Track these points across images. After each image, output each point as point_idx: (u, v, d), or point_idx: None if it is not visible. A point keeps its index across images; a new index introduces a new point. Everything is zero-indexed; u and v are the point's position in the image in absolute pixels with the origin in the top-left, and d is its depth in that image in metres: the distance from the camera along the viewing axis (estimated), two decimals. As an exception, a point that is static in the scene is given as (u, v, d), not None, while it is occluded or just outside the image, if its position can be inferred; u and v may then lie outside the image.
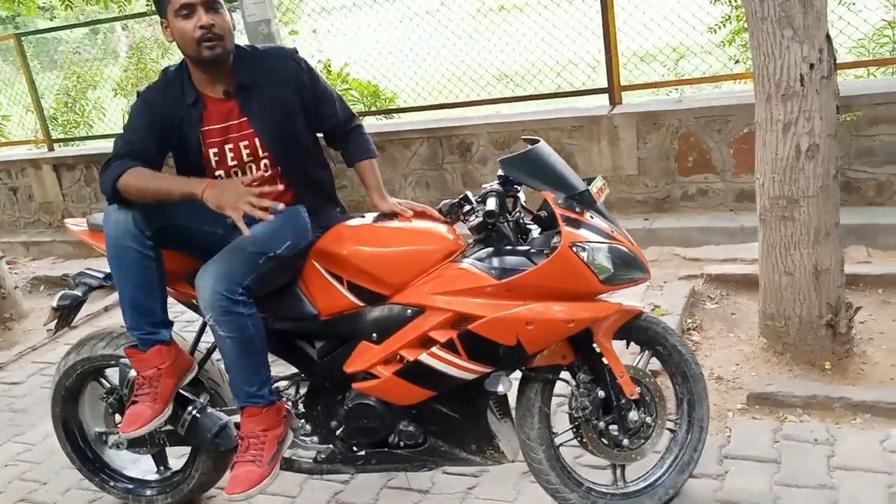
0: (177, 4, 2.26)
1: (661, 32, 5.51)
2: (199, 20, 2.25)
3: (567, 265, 2.14)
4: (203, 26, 2.25)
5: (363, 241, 2.41)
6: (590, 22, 5.66)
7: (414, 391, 2.33)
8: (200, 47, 2.28)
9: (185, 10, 2.25)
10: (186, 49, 2.32)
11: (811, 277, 2.99)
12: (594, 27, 5.47)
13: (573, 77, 6.35)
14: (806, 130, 2.84)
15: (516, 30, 6.28)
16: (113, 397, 2.71)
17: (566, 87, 5.89)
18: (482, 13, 12.05)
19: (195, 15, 2.26)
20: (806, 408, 2.79)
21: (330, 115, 2.54)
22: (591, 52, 6.11)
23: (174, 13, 2.28)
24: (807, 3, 2.73)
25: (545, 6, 5.94)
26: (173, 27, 2.31)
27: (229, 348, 2.27)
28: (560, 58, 6.18)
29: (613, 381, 2.36)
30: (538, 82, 6.18)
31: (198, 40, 2.27)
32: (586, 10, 5.67)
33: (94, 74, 8.32)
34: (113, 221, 2.32)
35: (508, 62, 6.46)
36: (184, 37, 2.29)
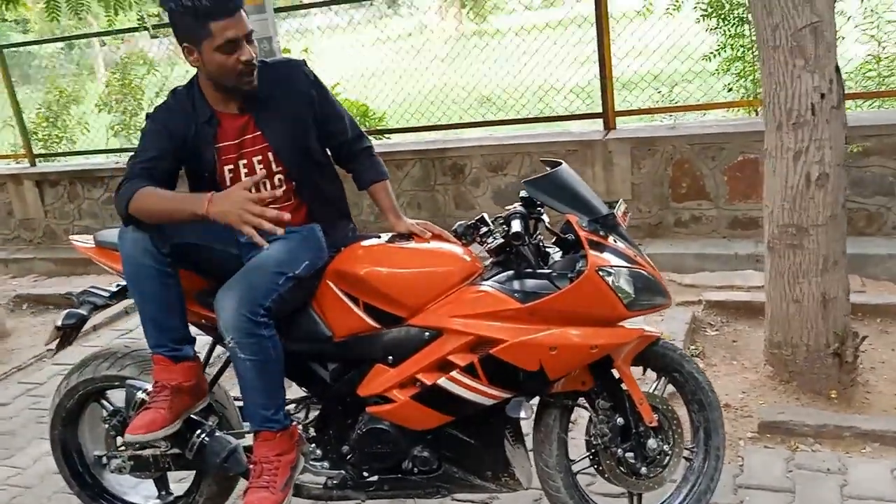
0: (221, 39, 2.18)
1: (644, 60, 5.60)
2: (244, 55, 2.21)
3: (592, 290, 2.13)
4: (247, 61, 2.22)
5: (381, 261, 2.38)
6: (572, 49, 5.75)
7: (431, 416, 2.29)
8: (241, 80, 2.25)
9: (231, 44, 2.19)
10: (225, 81, 2.27)
11: (819, 306, 3.00)
12: (577, 53, 5.55)
13: (555, 102, 6.44)
14: (816, 159, 2.87)
15: (499, 54, 6.34)
16: (116, 419, 2.62)
17: (550, 112, 5.95)
18: (465, 37, 12.14)
19: (239, 49, 2.21)
20: (817, 437, 2.79)
21: (339, 132, 2.51)
22: (574, 79, 6.21)
23: (216, 48, 2.19)
24: (818, 33, 2.77)
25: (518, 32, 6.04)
26: (210, 59, 2.22)
27: (249, 371, 2.21)
28: (542, 82, 6.25)
29: (633, 407, 2.34)
30: (520, 106, 6.23)
31: (239, 73, 2.23)
32: (569, 38, 5.76)
33: (78, 89, 8.18)
34: (130, 240, 2.27)
35: (490, 86, 6.51)
36: (224, 70, 2.23)
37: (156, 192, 2.20)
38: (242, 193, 2.06)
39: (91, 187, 6.67)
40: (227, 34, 2.17)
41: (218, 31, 2.17)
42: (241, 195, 2.05)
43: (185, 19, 2.20)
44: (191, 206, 2.11)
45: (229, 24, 2.17)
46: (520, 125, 5.78)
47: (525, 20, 7.92)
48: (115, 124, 7.98)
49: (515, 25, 7.74)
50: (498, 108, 7.23)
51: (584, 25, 5.99)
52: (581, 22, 6.14)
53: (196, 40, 2.21)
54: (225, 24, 2.17)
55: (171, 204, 2.17)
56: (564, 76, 6.37)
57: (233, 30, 2.18)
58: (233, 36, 2.18)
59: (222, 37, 2.17)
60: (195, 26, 2.19)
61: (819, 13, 2.75)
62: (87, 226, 6.74)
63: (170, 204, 2.17)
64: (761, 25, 2.85)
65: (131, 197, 2.20)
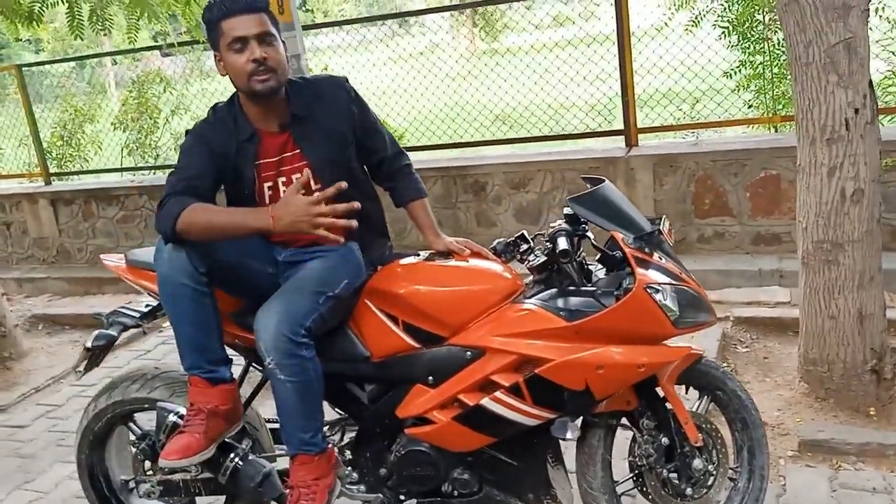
0: (230, 38, 2.21)
1: (665, 77, 5.61)
2: (252, 53, 2.20)
3: (640, 307, 2.09)
4: (255, 60, 2.20)
5: (421, 280, 2.35)
6: (581, 67, 5.76)
7: (473, 437, 2.25)
8: (252, 81, 2.22)
9: (238, 43, 2.21)
10: (238, 82, 2.27)
11: (855, 322, 2.97)
12: (588, 71, 5.55)
13: (565, 120, 6.45)
14: (851, 175, 2.84)
15: (513, 73, 6.35)
16: (145, 443, 2.58)
17: (571, 130, 5.94)
18: (477, 56, 12.15)
19: (248, 48, 2.21)
20: (860, 455, 2.75)
21: (378, 149, 2.49)
22: (583, 97, 6.22)
23: (226, 47, 2.23)
24: (852, 49, 2.75)
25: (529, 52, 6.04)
26: (226, 61, 2.26)
27: (288, 393, 2.17)
28: (553, 101, 6.26)
29: (678, 427, 2.29)
30: (531, 125, 6.22)
31: (250, 74, 2.22)
32: (578, 56, 5.77)
33: (92, 108, 8.21)
34: (167, 259, 2.23)
35: (502, 104, 6.53)
36: (236, 70, 2.24)
37: (208, 207, 2.19)
38: (302, 199, 2.05)
39: (106, 206, 6.65)
40: (236, 32, 2.19)
41: (228, 29, 2.20)
42: (302, 200, 2.04)
43: (209, 28, 2.25)
44: (254, 222, 2.10)
45: (239, 22, 2.19)
46: (539, 142, 5.77)
47: (535, 39, 7.96)
48: (130, 143, 8.01)
49: (526, 45, 7.78)
50: (509, 127, 7.25)
51: (593, 45, 6.02)
52: (590, 42, 6.17)
53: (217, 44, 2.25)
54: (235, 22, 2.19)
55: (229, 219, 2.15)
56: (576, 94, 6.40)
57: (242, 28, 2.19)
58: (241, 34, 2.19)
59: (231, 34, 2.19)
60: (214, 30, 2.24)
61: (852, 29, 2.74)
62: (101, 245, 6.73)
63: (228, 220, 2.15)
64: (794, 42, 2.84)
65: (179, 213, 2.17)
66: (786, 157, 4.65)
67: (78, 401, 4.14)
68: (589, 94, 6.12)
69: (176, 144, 8.28)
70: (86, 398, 4.12)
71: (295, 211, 2.04)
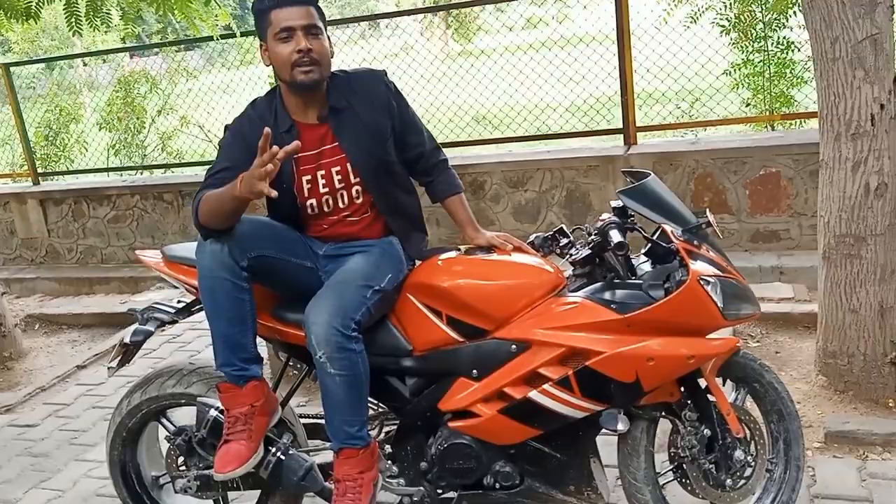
0: (277, 27, 2.21)
1: (665, 76, 5.68)
2: (298, 44, 2.21)
3: (693, 299, 2.11)
4: (300, 50, 2.20)
5: (466, 273, 2.35)
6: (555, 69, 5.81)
7: (519, 430, 2.26)
8: (295, 71, 2.22)
9: (285, 32, 2.21)
10: (281, 73, 2.27)
11: (876, 315, 3.02)
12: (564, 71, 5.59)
13: (551, 120, 6.50)
14: (875, 169, 2.89)
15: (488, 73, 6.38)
16: (181, 438, 2.55)
17: (556, 129, 5.98)
18: (451, 57, 12.20)
19: (294, 38, 2.21)
20: (885, 445, 2.80)
21: (416, 144, 2.49)
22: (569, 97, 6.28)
23: (273, 36, 2.23)
24: (878, 45, 2.80)
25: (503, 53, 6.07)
26: (271, 51, 2.26)
27: (337, 386, 2.16)
28: (529, 102, 6.30)
29: (720, 418, 2.32)
30: (516, 125, 6.28)
31: (293, 64, 2.22)
32: (552, 58, 5.83)
33: (77, 108, 8.09)
34: (208, 252, 2.21)
35: (477, 105, 6.57)
36: (280, 60, 2.24)
37: (211, 192, 2.17)
38: (255, 162, 2.00)
39: (97, 206, 6.56)
40: (284, 22, 2.20)
41: (276, 20, 2.21)
42: (256, 163, 1.99)
43: (257, 17, 2.26)
44: (229, 191, 2.08)
45: (289, 13, 2.21)
46: (531, 141, 5.81)
47: (509, 41, 8.03)
48: (116, 143, 7.90)
49: (500, 46, 7.83)
50: (494, 127, 7.27)
51: (567, 46, 6.09)
52: (564, 44, 6.24)
53: (263, 34, 2.26)
54: (284, 12, 2.21)
55: (218, 196, 2.13)
56: (556, 95, 6.47)
57: (290, 19, 2.20)
58: (289, 24, 2.20)
59: (279, 24, 2.20)
60: (263, 19, 2.24)
61: (879, 25, 2.79)
62: (91, 245, 6.65)
63: (218, 196, 2.13)
64: (820, 38, 2.88)
65: (198, 206, 2.18)
66: (785, 155, 4.73)
67: (86, 400, 4.08)
68: (576, 94, 6.16)
69: (162, 144, 8.20)
70: (93, 397, 4.10)
71: (250, 171, 2.01)
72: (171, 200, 6.36)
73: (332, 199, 2.36)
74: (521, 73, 6.35)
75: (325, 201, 2.36)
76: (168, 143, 7.98)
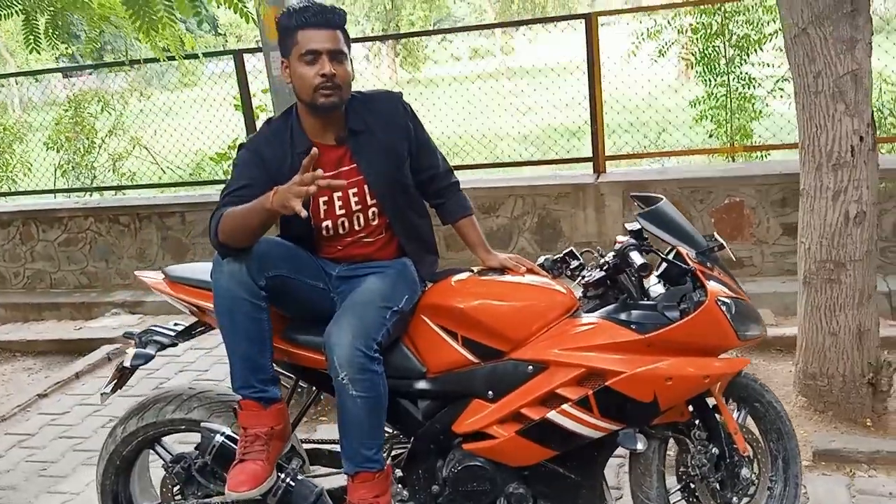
0: (303, 49, 2.21)
1: (633, 107, 5.86)
2: (322, 68, 2.20)
3: (711, 320, 2.17)
4: (324, 74, 2.20)
5: (483, 294, 2.36)
6: (501, 99, 5.96)
7: (536, 451, 2.27)
8: (317, 94, 2.22)
9: (311, 55, 2.20)
10: (302, 94, 2.26)
11: (855, 338, 3.14)
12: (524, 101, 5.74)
13: (498, 150, 6.63)
14: (855, 198, 3.03)
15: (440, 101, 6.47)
16: (179, 466, 2.48)
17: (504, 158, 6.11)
18: (399, 85, 12.28)
19: (318, 62, 2.21)
20: (871, 462, 2.90)
21: (430, 166, 2.50)
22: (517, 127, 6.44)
23: (298, 56, 2.22)
24: (858, 80, 2.95)
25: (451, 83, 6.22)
26: (294, 70, 2.25)
27: (357, 408, 2.13)
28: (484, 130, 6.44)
29: (728, 438, 2.37)
30: (468, 153, 6.38)
31: (316, 87, 2.21)
32: (500, 88, 5.99)
33: (22, 127, 7.84)
34: (226, 273, 2.17)
35: (436, 132, 6.64)
36: (303, 81, 2.23)
37: (234, 209, 2.15)
38: (294, 179, 2.00)
39: (48, 228, 6.32)
40: (311, 44, 2.19)
41: (302, 40, 2.20)
42: (294, 179, 2.00)
43: (281, 34, 2.25)
44: (259, 203, 2.05)
45: (316, 35, 2.20)
46: (497, 168, 5.90)
47: (458, 71, 8.15)
48: (64, 164, 7.68)
49: (449, 76, 7.98)
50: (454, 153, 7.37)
51: (514, 78, 6.24)
52: (511, 75, 6.39)
53: (287, 51, 2.25)
54: (311, 34, 2.20)
55: (245, 211, 2.10)
56: (508, 124, 6.60)
57: (317, 42, 2.19)
58: (316, 47, 2.19)
59: (305, 45, 2.20)
60: (288, 37, 2.23)
61: (859, 61, 2.94)
62: (40, 269, 6.39)
63: (245, 212, 2.10)
64: (803, 72, 3.02)
65: (218, 224, 2.14)
66: (748, 185, 4.90)
67: (51, 430, 3.91)
68: (511, 125, 6.30)
69: (113, 165, 8.00)
70: (59, 427, 3.94)
71: (285, 187, 2.00)
72: (128, 223, 6.18)
73: (348, 221, 2.35)
74: (469, 103, 6.45)
75: (341, 223, 2.35)
76: (119, 164, 7.77)
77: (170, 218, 6.09)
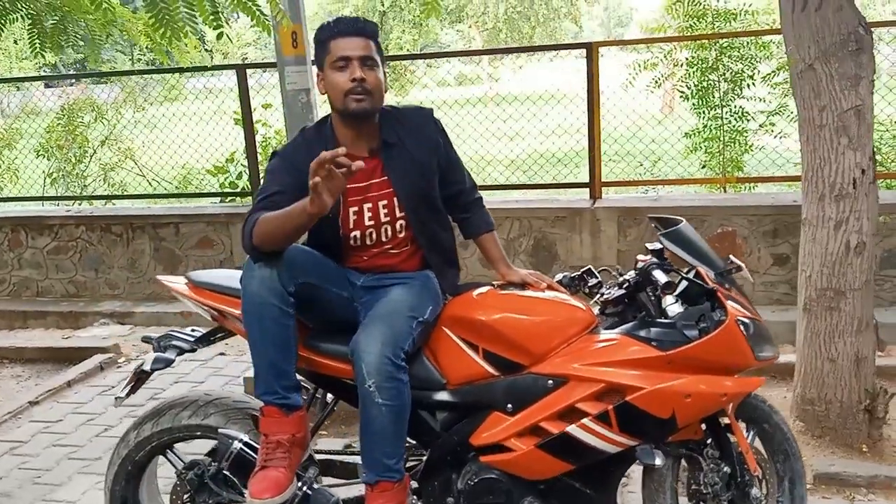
0: (335, 56, 2.27)
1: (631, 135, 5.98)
2: (353, 73, 2.26)
3: (730, 339, 2.22)
4: (355, 79, 2.25)
5: (506, 308, 2.40)
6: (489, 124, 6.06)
7: (554, 465, 2.29)
8: (347, 99, 2.27)
9: (342, 61, 2.26)
10: (334, 101, 2.31)
11: (853, 364, 3.23)
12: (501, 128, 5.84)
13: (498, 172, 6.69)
14: (856, 229, 3.13)
15: None
16: (193, 473, 2.47)
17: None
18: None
19: (349, 68, 2.26)
20: (870, 487, 2.97)
21: (457, 181, 2.56)
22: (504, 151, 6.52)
23: (330, 64, 2.28)
24: (861, 115, 3.06)
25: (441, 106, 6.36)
26: (327, 79, 2.31)
27: (383, 417, 2.16)
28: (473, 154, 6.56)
29: (740, 457, 2.42)
30: None
31: (346, 92, 2.26)
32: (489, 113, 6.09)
33: (13, 133, 7.78)
34: (257, 278, 2.19)
35: None
36: (335, 88, 2.28)
37: (270, 213, 2.17)
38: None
39: (37, 235, 6.27)
40: (342, 51, 2.26)
41: (334, 48, 2.27)
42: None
43: (318, 44, 2.32)
44: (298, 207, 2.06)
45: (347, 43, 2.26)
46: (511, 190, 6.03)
47: (447, 95, 8.26)
48: (54, 172, 7.63)
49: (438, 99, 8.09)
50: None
51: (502, 104, 6.34)
52: (500, 101, 6.49)
53: (321, 62, 2.31)
54: (343, 42, 2.27)
55: (283, 215, 2.12)
56: (495, 148, 6.71)
57: (348, 49, 2.26)
58: (346, 54, 2.25)
59: (336, 53, 2.26)
60: (322, 48, 2.30)
61: (862, 97, 3.05)
62: (27, 276, 6.32)
63: (283, 215, 2.13)
64: (808, 105, 3.12)
65: (253, 228, 2.16)
66: (741, 216, 5.01)
67: (44, 437, 3.86)
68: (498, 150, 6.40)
69: (104, 175, 7.96)
70: (53, 435, 3.90)
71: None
72: (121, 233, 6.15)
73: (376, 232, 2.38)
74: (457, 126, 6.54)
75: (369, 234, 2.38)
76: (110, 174, 7.74)
77: (163, 229, 6.07)
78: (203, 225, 6.01)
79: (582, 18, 26.73)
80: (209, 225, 5.99)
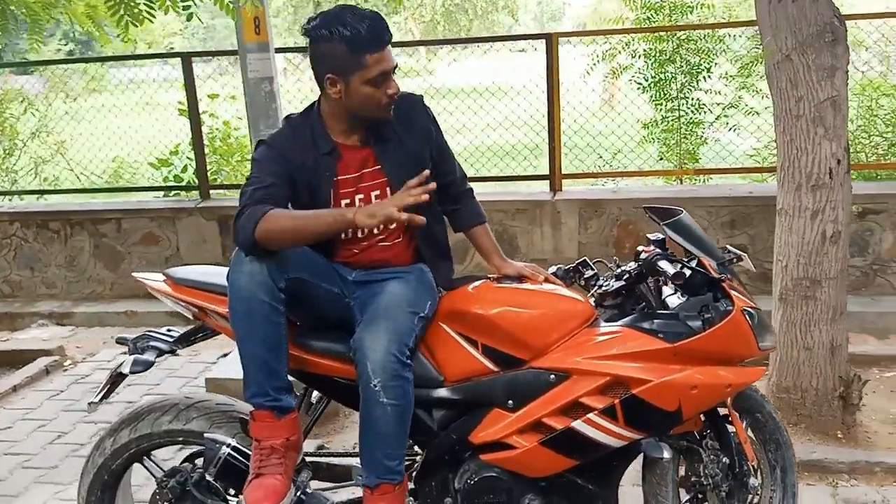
0: (375, 72, 2.12)
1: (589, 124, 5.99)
2: (391, 87, 2.16)
3: (736, 329, 2.20)
4: (393, 94, 2.17)
5: (505, 302, 2.32)
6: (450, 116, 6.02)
7: (558, 461, 2.24)
8: (382, 111, 2.20)
9: (382, 77, 2.14)
10: (362, 110, 2.19)
11: (828, 353, 3.27)
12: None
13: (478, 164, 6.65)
14: (831, 218, 3.16)
15: None
16: (174, 480, 2.33)
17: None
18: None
19: (387, 82, 2.16)
20: (851, 472, 3.01)
21: (448, 171, 2.47)
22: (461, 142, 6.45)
23: (366, 80, 2.13)
24: (836, 106, 3.09)
25: None
26: (356, 90, 2.15)
27: (387, 416, 2.06)
28: None
29: (738, 447, 2.41)
30: None
31: (384, 106, 2.18)
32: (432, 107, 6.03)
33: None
34: (246, 273, 2.07)
35: None
36: (370, 100, 2.16)
37: (288, 211, 2.08)
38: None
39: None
40: (381, 67, 2.12)
41: (373, 64, 2.11)
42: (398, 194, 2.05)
43: (336, 50, 2.11)
44: (337, 215, 2.06)
45: (383, 56, 2.13)
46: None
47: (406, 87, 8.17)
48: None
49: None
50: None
51: (445, 97, 6.28)
52: (446, 93, 6.44)
53: (345, 72, 2.13)
54: (379, 56, 2.12)
55: (312, 217, 2.06)
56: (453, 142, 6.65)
57: (385, 63, 2.13)
58: (386, 68, 2.13)
59: (376, 69, 2.12)
60: (347, 57, 2.11)
61: (838, 88, 3.08)
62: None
63: (311, 218, 2.06)
64: (785, 96, 3.14)
65: (258, 221, 2.03)
66: (700, 207, 5.05)
67: (-1, 448, 3.63)
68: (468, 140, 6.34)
69: (36, 169, 7.57)
70: (2, 443, 3.64)
71: (382, 202, 2.05)
72: (58, 229, 5.85)
73: None
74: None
75: None
76: (42, 167, 7.36)
77: (104, 224, 5.80)
78: (147, 220, 5.77)
79: (519, 12, 26.86)
80: (153, 220, 5.76)
